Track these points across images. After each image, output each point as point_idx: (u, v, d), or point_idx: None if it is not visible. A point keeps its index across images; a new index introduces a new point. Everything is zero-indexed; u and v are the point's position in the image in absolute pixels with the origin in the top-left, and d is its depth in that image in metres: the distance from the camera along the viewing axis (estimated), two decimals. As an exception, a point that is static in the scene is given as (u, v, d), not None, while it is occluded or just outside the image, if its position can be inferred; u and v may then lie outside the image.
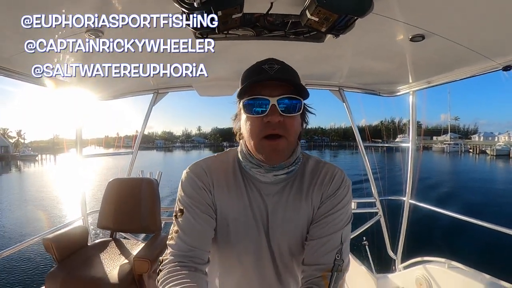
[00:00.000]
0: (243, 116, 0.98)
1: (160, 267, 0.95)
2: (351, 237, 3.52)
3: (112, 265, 2.49)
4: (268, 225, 1.03)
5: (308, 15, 1.34)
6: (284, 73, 0.97)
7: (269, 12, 1.49)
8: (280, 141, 0.94)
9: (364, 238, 4.09)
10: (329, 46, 1.98)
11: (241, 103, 0.97)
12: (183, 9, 1.27)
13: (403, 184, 3.70)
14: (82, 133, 3.31)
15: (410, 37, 1.81)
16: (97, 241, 2.92)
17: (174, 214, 1.02)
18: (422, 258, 3.20)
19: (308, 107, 1.05)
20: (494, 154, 58.76)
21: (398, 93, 3.42)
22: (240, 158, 1.06)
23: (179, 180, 1.06)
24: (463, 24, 1.67)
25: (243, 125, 0.99)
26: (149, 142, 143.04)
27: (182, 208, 1.00)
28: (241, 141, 1.06)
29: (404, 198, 3.67)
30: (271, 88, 0.93)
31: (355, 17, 1.36)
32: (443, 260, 2.87)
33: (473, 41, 1.88)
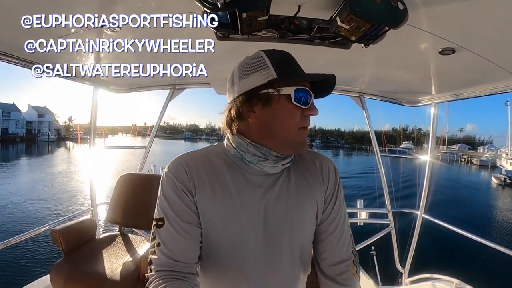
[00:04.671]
0: (282, 104, 0.91)
1: (147, 285, 0.88)
2: (360, 247, 3.50)
3: (118, 262, 2.47)
4: (268, 215, 0.95)
5: (339, 22, 1.27)
6: None
7: (296, 16, 1.43)
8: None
9: (373, 248, 4.07)
10: (354, 53, 1.90)
11: (285, 91, 0.90)
12: (205, 9, 1.21)
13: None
14: (96, 123, 3.34)
15: (440, 50, 1.75)
16: (104, 235, 2.89)
17: (154, 223, 0.93)
18: (431, 275, 3.17)
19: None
20: (479, 164, 63.47)
21: (420, 104, 3.35)
22: (240, 152, 0.96)
23: None
24: (494, 40, 1.62)
25: (278, 114, 0.91)
26: (177, 133, 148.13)
27: (162, 217, 0.91)
28: (234, 136, 0.96)
29: (417, 212, 3.59)
30: (306, 83, 0.92)
31: (388, 28, 1.29)
32: (452, 279, 2.84)
33: (502, 58, 1.83)
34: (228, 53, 2.00)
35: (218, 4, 1.15)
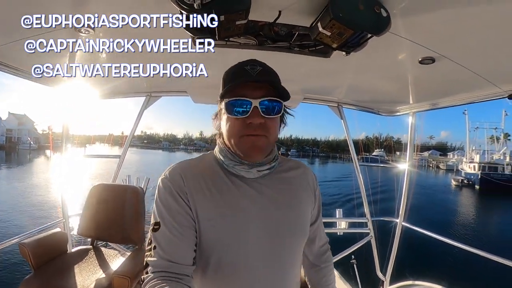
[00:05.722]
0: (224, 116, 0.99)
1: (142, 286, 0.89)
2: (341, 257, 3.50)
3: (90, 278, 2.34)
4: (265, 212, 1.00)
5: (320, 28, 1.24)
6: (266, 75, 0.98)
7: (276, 22, 1.40)
8: (261, 137, 0.96)
9: (353, 256, 4.05)
10: (334, 61, 1.90)
11: (222, 104, 0.98)
12: (182, 11, 1.18)
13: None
14: (68, 131, 3.27)
15: (420, 59, 1.77)
16: (76, 249, 2.74)
17: (150, 227, 0.97)
18: (413, 282, 3.20)
19: (288, 108, 1.07)
20: (445, 168, 66.10)
21: (398, 113, 3.39)
22: (221, 157, 1.03)
23: None
24: (474, 49, 1.64)
25: (224, 125, 1.00)
26: (155, 143, 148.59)
27: (158, 221, 0.95)
28: (218, 141, 1.06)
29: (397, 220, 3.60)
30: (252, 90, 0.95)
31: (370, 35, 1.27)
32: (434, 285, 2.88)
33: (481, 67, 1.86)
34: (206, 61, 1.95)
35: (195, 5, 1.11)
